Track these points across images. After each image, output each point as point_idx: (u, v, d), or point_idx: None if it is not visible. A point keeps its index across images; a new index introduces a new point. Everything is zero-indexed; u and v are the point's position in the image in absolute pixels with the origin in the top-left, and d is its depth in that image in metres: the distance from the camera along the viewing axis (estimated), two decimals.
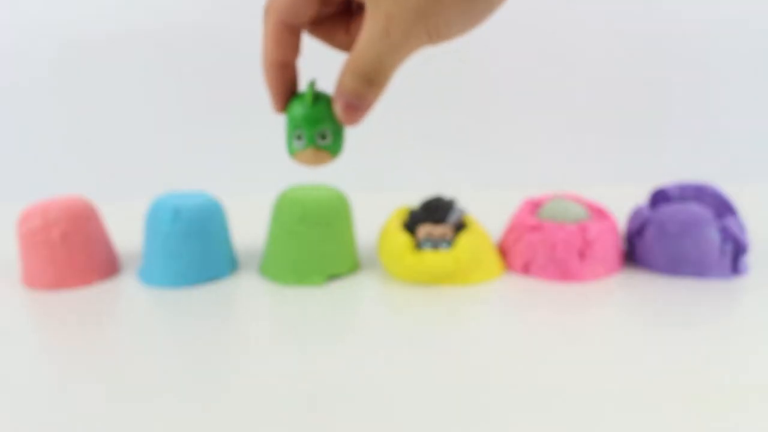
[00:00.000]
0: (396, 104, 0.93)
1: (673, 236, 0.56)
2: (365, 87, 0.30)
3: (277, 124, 0.93)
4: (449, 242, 0.56)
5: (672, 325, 0.48)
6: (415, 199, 0.60)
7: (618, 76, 0.94)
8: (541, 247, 0.57)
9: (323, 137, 0.33)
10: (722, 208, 0.60)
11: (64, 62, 0.89)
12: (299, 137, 0.33)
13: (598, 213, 0.61)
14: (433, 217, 0.56)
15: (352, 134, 0.96)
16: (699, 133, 0.97)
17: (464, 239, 0.55)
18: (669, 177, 0.71)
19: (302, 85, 0.34)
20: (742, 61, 0.95)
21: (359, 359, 0.43)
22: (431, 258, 0.55)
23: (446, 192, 0.62)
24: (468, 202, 0.64)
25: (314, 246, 0.56)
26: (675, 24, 0.93)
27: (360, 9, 0.33)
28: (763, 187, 0.86)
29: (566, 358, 0.42)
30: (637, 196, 0.67)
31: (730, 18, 0.93)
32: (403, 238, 0.56)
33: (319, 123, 0.33)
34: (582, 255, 0.56)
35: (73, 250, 0.55)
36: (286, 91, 0.34)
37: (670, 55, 0.94)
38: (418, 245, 0.56)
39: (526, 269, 0.58)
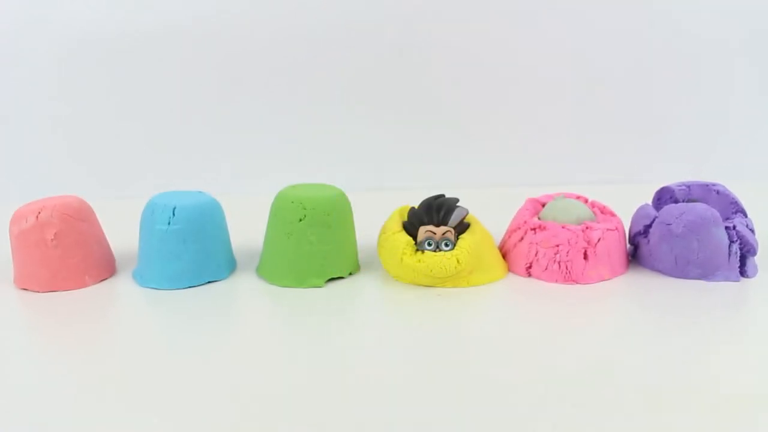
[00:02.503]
0: (397, 102, 0.93)
1: (678, 237, 0.55)
2: None
3: (276, 122, 0.92)
4: (451, 243, 0.54)
5: (678, 329, 0.47)
6: (415, 198, 0.59)
7: (622, 74, 0.93)
8: (544, 248, 0.56)
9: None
10: (730, 207, 0.59)
11: (58, 61, 0.88)
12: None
13: (603, 212, 0.60)
14: (435, 217, 0.55)
15: (352, 133, 0.95)
16: (705, 130, 0.96)
17: (466, 240, 0.54)
18: (675, 175, 0.70)
19: None
20: (747, 59, 0.93)
21: (359, 361, 0.43)
22: (432, 259, 0.53)
23: (448, 191, 0.60)
24: (470, 201, 0.63)
25: (314, 247, 0.55)
26: (678, 23, 0.92)
27: None
28: None
29: (570, 361, 0.42)
30: (642, 195, 0.65)
31: (733, 16, 0.91)
32: (404, 239, 0.55)
33: None
34: (586, 256, 0.55)
35: (67, 251, 0.54)
36: None
37: (674, 54, 0.93)
38: (419, 246, 0.55)
39: (528, 271, 0.57)
